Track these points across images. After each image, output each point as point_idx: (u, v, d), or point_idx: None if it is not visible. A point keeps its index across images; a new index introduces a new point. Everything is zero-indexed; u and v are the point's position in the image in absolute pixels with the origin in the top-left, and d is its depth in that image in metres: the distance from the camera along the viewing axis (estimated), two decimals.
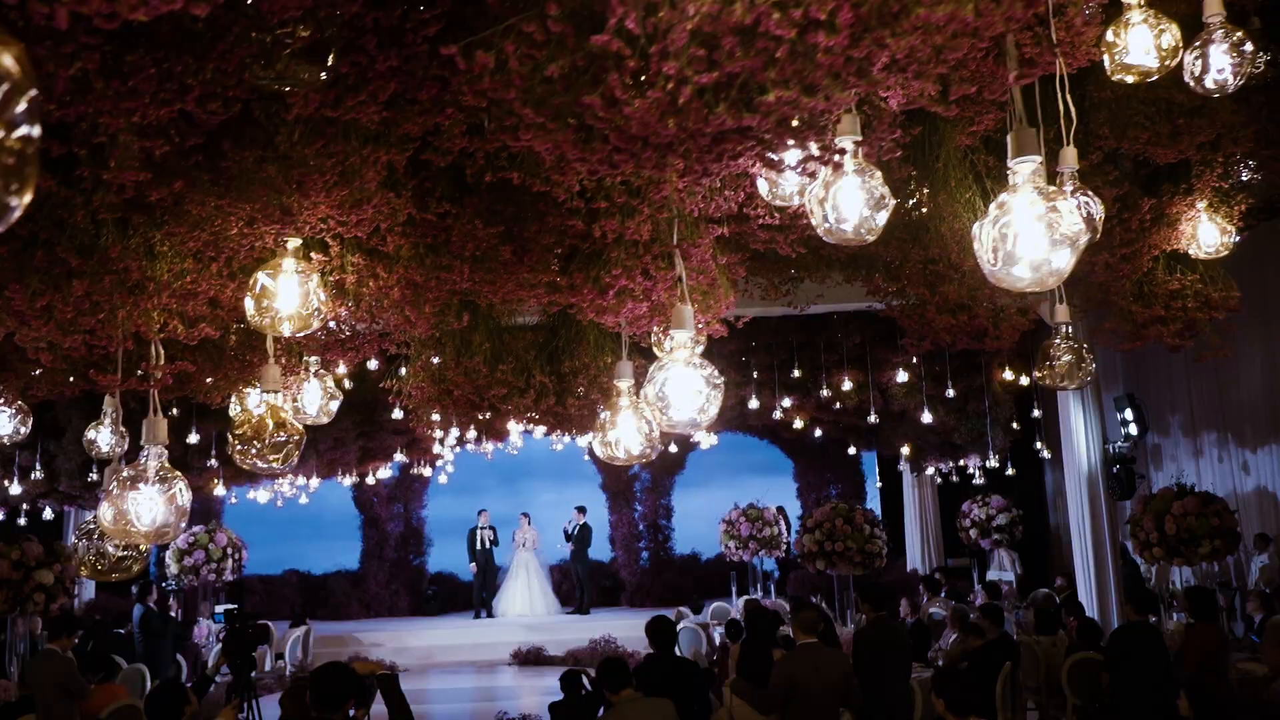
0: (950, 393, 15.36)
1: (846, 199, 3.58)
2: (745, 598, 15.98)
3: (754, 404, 15.66)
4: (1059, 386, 5.05)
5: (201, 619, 15.26)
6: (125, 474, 3.55)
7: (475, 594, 19.84)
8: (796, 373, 15.08)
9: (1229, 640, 10.28)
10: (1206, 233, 5.91)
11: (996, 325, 5.69)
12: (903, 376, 15.36)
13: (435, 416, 7.07)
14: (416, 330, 5.06)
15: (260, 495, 17.92)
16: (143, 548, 3.94)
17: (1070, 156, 4.49)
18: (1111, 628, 10.25)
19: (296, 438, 4.15)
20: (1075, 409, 11.88)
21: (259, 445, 4.03)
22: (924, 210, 5.41)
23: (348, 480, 19.02)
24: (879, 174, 3.56)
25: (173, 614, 14.39)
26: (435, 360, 5.77)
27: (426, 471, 19.54)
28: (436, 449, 16.55)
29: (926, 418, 15.61)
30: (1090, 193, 4.49)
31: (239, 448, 4.04)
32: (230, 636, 9.45)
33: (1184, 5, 4.78)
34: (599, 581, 21.33)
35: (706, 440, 18.10)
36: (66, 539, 15.27)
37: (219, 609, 14.39)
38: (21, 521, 15.85)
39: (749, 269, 5.61)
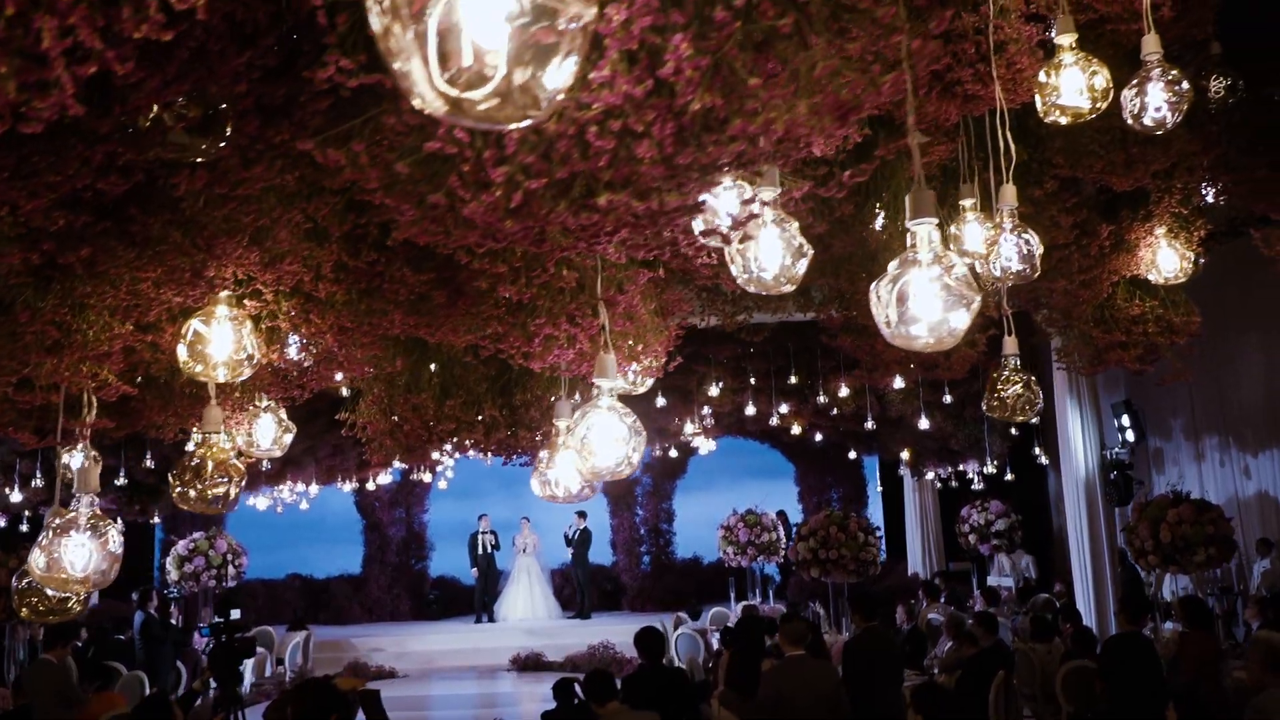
0: (948, 398, 15.27)
1: (766, 249, 3.61)
2: (744, 603, 15.97)
3: (750, 410, 15.64)
4: (1007, 418, 5.04)
5: (201, 625, 15.37)
6: (57, 523, 3.62)
7: (476, 598, 19.89)
8: (793, 379, 15.04)
9: (1227, 647, 10.21)
10: (1166, 258, 5.89)
11: (947, 356, 5.68)
12: (900, 382, 15.28)
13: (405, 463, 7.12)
14: (352, 372, 5.12)
15: (260, 502, 18.02)
16: (80, 593, 4.01)
17: (1009, 194, 4.49)
18: (1109, 635, 10.20)
19: (237, 478, 4.21)
20: (1073, 416, 11.83)
21: (199, 487, 4.10)
22: (880, 239, 5.41)
23: (348, 486, 19.11)
24: (796, 224, 3.57)
25: (173, 620, 14.49)
26: (385, 394, 5.82)
27: (427, 477, 19.61)
28: (435, 455, 16.59)
29: (924, 424, 15.54)
30: (1029, 230, 4.50)
31: (178, 490, 4.11)
32: (216, 650, 9.55)
33: (1137, 36, 4.77)
34: (600, 585, 21.32)
35: (705, 445, 18.08)
36: None
37: (212, 619, 14.45)
38: (24, 528, 16.02)
39: (701, 300, 5.62)
